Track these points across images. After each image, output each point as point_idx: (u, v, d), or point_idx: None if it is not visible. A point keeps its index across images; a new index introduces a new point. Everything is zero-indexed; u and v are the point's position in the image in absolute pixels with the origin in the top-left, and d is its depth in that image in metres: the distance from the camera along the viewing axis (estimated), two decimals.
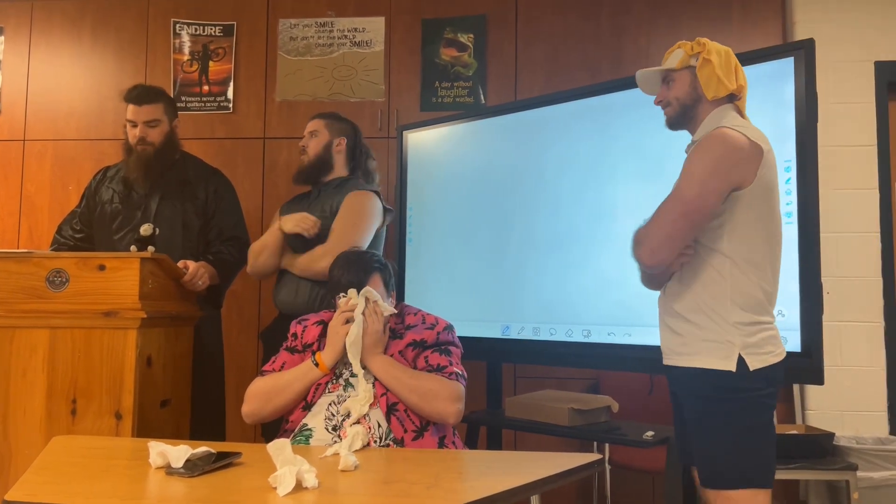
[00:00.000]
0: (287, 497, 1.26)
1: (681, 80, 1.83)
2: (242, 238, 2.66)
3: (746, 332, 1.68)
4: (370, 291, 1.95)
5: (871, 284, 3.17)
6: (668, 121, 1.88)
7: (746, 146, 1.68)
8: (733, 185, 1.68)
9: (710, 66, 1.77)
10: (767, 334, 1.71)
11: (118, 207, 2.59)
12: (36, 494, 1.29)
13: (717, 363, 1.69)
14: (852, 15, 3.26)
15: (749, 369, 1.66)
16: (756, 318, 1.70)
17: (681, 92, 1.83)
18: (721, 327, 1.69)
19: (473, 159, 2.78)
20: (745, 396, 1.67)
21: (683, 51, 1.82)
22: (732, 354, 1.67)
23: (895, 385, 3.14)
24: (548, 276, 2.52)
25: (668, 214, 1.71)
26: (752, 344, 1.68)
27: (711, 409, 1.70)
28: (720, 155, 1.68)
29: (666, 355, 1.83)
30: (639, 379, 2.94)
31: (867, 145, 3.22)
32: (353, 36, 3.39)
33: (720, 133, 1.70)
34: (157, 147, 2.58)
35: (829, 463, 2.72)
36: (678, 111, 1.85)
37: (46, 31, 3.52)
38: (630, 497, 3.11)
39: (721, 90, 1.78)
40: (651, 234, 1.72)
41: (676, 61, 1.83)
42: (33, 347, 1.98)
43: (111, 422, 1.95)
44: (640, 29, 3.25)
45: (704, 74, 1.78)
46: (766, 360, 1.68)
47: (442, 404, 1.84)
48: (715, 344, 1.70)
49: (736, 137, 1.68)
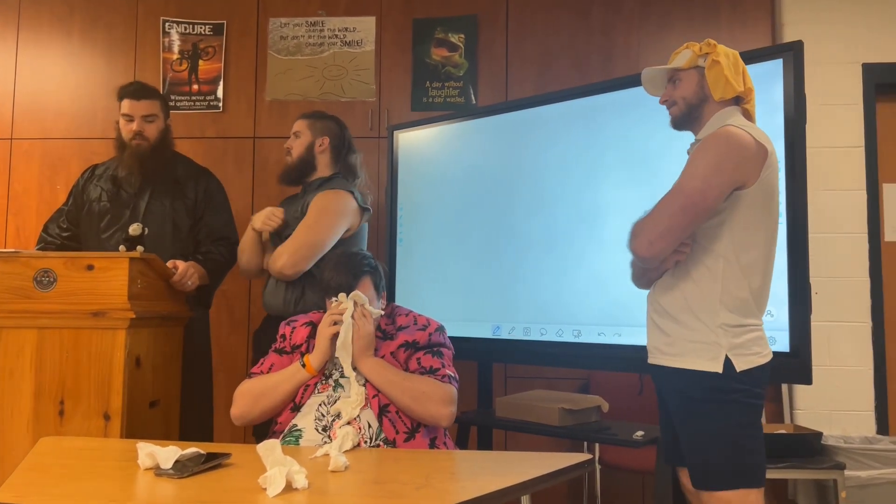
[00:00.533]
0: (277, 498, 1.26)
1: (688, 79, 1.83)
2: (232, 238, 2.65)
3: (733, 333, 1.69)
4: (358, 295, 1.94)
5: (859, 285, 3.20)
6: (673, 120, 1.88)
7: (751, 145, 1.68)
8: (736, 183, 1.68)
9: (719, 67, 1.77)
10: (754, 335, 1.71)
11: (106, 206, 2.57)
12: (23, 496, 1.28)
13: (703, 364, 1.69)
14: (841, 17, 3.28)
15: (736, 370, 1.67)
16: (743, 321, 1.70)
17: (687, 91, 1.83)
18: (708, 328, 1.70)
19: (464, 159, 2.78)
20: (733, 398, 1.67)
21: (692, 51, 1.82)
22: (719, 355, 1.68)
23: (882, 385, 3.16)
24: (538, 277, 2.52)
25: (667, 207, 1.70)
26: (738, 345, 1.68)
27: (699, 409, 1.70)
28: (724, 152, 1.68)
29: (652, 354, 1.84)
30: (629, 379, 2.95)
31: (855, 146, 3.24)
32: (344, 35, 3.39)
33: (725, 131, 1.70)
34: (153, 143, 2.57)
35: (818, 462, 2.73)
36: (684, 111, 1.84)
37: (34, 28, 3.49)
38: (620, 497, 3.12)
39: (729, 91, 1.78)
40: (649, 226, 1.71)
41: (684, 60, 1.83)
42: (20, 348, 1.97)
43: (99, 423, 1.93)
44: (631, 29, 3.26)
45: (713, 75, 1.78)
46: (752, 360, 1.69)
47: (434, 407, 1.84)
48: (702, 345, 1.70)
49: (741, 136, 1.68)
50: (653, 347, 1.84)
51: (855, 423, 3.15)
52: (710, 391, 1.68)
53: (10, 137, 3.44)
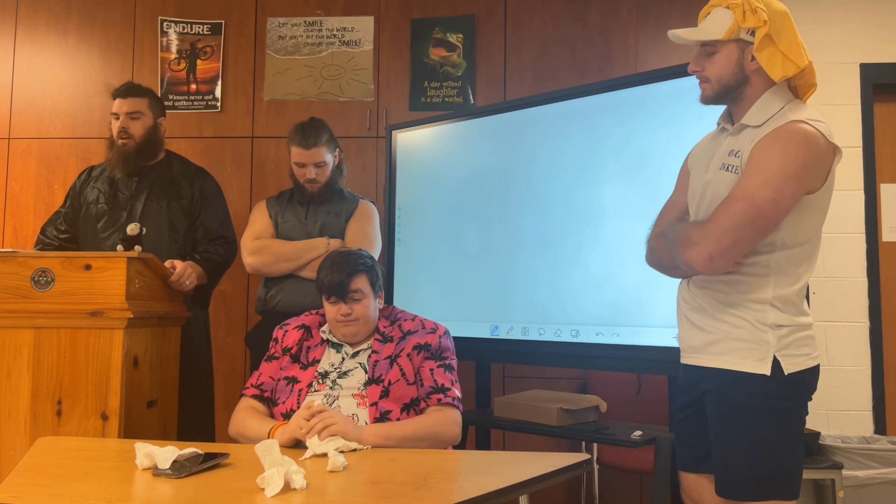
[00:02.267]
0: (275, 498, 1.26)
1: (726, 54, 1.56)
2: (229, 237, 2.65)
3: (783, 332, 1.53)
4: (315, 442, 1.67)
5: (857, 285, 3.20)
6: (704, 99, 1.63)
7: (825, 147, 1.49)
8: (809, 189, 1.51)
9: (771, 45, 1.50)
10: (804, 335, 1.55)
11: (104, 208, 2.57)
12: (20, 496, 1.28)
13: (749, 365, 1.53)
14: (839, 17, 3.29)
15: (784, 373, 1.51)
16: (794, 319, 1.54)
17: (724, 70, 1.57)
18: (756, 327, 1.54)
19: (462, 159, 2.78)
20: (778, 404, 1.52)
21: (733, 15, 1.52)
22: (767, 356, 1.52)
23: (880, 385, 3.17)
24: (537, 276, 2.52)
25: (735, 217, 1.49)
26: (788, 345, 1.53)
27: (740, 414, 1.55)
28: (803, 158, 1.47)
29: (686, 353, 1.69)
30: (627, 379, 2.95)
31: (853, 147, 3.25)
32: (342, 35, 3.38)
33: (800, 130, 1.48)
34: (138, 141, 2.56)
35: (815, 462, 2.74)
36: (718, 91, 1.59)
37: (32, 27, 3.48)
38: (618, 497, 3.12)
39: (790, 69, 1.51)
40: (711, 237, 1.50)
41: (723, 31, 1.53)
42: (18, 348, 1.96)
43: (97, 423, 1.93)
44: (629, 29, 3.26)
45: (765, 57, 1.52)
46: (802, 362, 1.53)
47: (447, 439, 1.86)
48: (748, 344, 1.54)
49: (817, 137, 1.48)
50: (688, 346, 1.68)
51: (852, 422, 3.16)
52: (754, 396, 1.53)
53: (7, 137, 3.44)
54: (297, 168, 2.62)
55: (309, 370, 1.96)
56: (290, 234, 2.61)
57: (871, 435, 3.09)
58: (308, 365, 1.97)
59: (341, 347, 1.99)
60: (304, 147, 2.57)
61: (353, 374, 1.93)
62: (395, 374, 1.91)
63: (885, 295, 3.24)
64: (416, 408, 1.90)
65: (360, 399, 1.88)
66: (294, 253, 2.54)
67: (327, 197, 2.64)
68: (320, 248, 2.53)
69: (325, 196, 2.64)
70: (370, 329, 2.00)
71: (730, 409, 1.56)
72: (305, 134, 2.57)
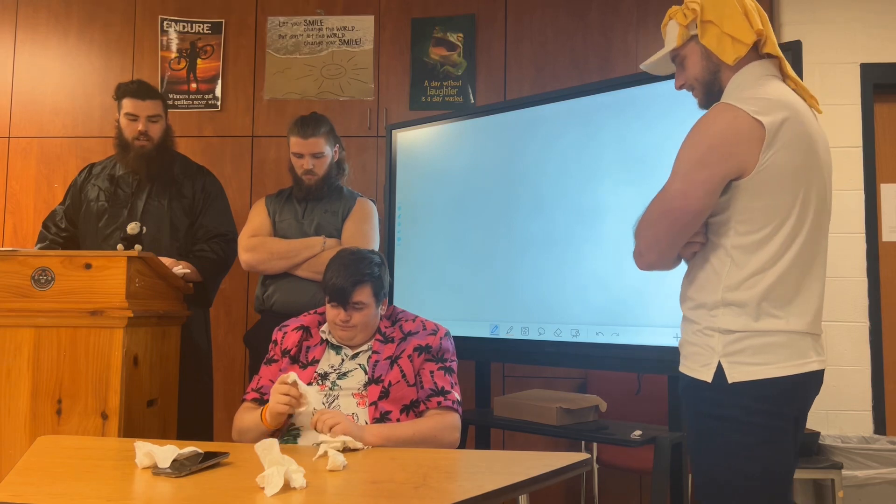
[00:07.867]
0: (275, 497, 1.26)
1: (690, 56, 1.58)
2: (229, 235, 2.65)
3: (732, 338, 1.43)
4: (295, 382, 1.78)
5: (857, 285, 3.20)
6: (700, 105, 1.62)
7: (742, 126, 1.40)
8: (730, 174, 1.42)
9: (714, 28, 1.50)
10: (762, 342, 1.42)
11: (104, 206, 2.57)
12: (20, 495, 1.28)
13: (696, 371, 1.48)
14: (839, 17, 3.29)
15: (727, 381, 1.42)
16: (751, 325, 1.43)
17: (696, 69, 1.58)
18: (702, 330, 1.48)
19: (462, 158, 2.78)
20: (723, 412, 1.43)
21: (677, 22, 1.57)
22: (711, 362, 1.45)
23: (880, 384, 3.17)
24: (537, 276, 2.52)
25: (650, 213, 1.50)
26: (737, 352, 1.43)
27: (693, 420, 1.51)
28: (707, 142, 1.43)
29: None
30: (627, 378, 2.95)
31: (853, 146, 3.25)
32: (343, 34, 3.38)
33: (713, 112, 1.45)
34: (157, 143, 2.59)
35: (815, 462, 2.74)
36: (703, 92, 1.59)
37: (32, 26, 3.48)
38: (618, 496, 3.12)
39: (740, 48, 1.49)
40: (638, 235, 1.54)
41: (675, 38, 1.58)
42: (18, 347, 1.96)
43: (97, 422, 1.93)
44: (629, 29, 3.26)
45: (711, 41, 1.51)
46: (752, 372, 1.41)
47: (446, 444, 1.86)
48: (697, 348, 1.49)
49: (732, 117, 1.41)
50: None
51: (852, 422, 3.16)
52: (701, 402, 1.47)
53: (7, 136, 3.44)
54: (295, 159, 2.60)
55: (308, 370, 1.96)
56: (286, 232, 2.60)
57: (870, 435, 3.09)
58: (307, 364, 1.97)
59: (341, 350, 1.99)
60: (302, 136, 2.55)
61: (352, 375, 1.93)
62: (395, 376, 1.91)
63: (885, 295, 3.24)
64: (416, 409, 1.90)
65: (360, 398, 1.88)
66: (289, 251, 2.53)
67: (325, 193, 2.62)
68: (316, 246, 2.52)
69: (323, 192, 2.61)
70: (368, 335, 1.99)
71: (688, 414, 1.53)
72: (304, 124, 2.57)
